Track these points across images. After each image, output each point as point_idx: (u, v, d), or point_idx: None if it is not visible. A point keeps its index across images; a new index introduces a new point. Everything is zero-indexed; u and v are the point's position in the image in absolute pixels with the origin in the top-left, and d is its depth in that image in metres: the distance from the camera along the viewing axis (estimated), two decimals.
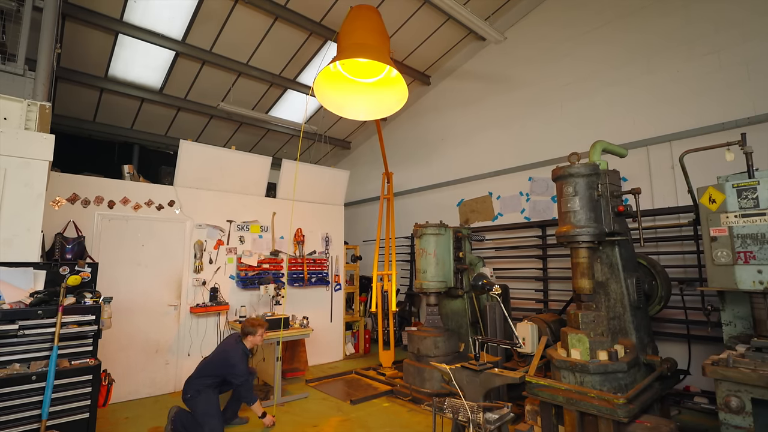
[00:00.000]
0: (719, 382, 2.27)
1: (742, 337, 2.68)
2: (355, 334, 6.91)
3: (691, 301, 3.88)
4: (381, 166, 6.85)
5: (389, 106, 4.58)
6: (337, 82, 4.55)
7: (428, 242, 4.85)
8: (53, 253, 4.01)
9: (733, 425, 2.20)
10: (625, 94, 4.86)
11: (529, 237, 5.64)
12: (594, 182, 3.08)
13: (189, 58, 5.97)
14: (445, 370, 2.55)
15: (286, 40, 6.06)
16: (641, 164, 4.61)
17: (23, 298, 2.83)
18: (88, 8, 4.92)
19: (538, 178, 5.67)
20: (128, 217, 4.66)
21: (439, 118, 7.40)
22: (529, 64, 5.98)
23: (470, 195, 6.62)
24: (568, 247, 3.16)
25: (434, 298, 4.82)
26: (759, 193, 2.62)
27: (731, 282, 2.67)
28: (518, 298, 5.56)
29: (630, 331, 3.09)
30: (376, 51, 4.12)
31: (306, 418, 4.02)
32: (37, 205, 3.15)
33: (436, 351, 4.50)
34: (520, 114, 6.04)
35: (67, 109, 6.49)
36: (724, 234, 2.74)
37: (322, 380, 5.28)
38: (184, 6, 5.16)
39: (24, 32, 3.58)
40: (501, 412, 2.36)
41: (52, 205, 4.21)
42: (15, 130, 3.20)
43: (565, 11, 5.61)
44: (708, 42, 4.25)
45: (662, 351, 3.89)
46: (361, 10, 4.48)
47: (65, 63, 5.61)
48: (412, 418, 3.98)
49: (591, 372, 2.68)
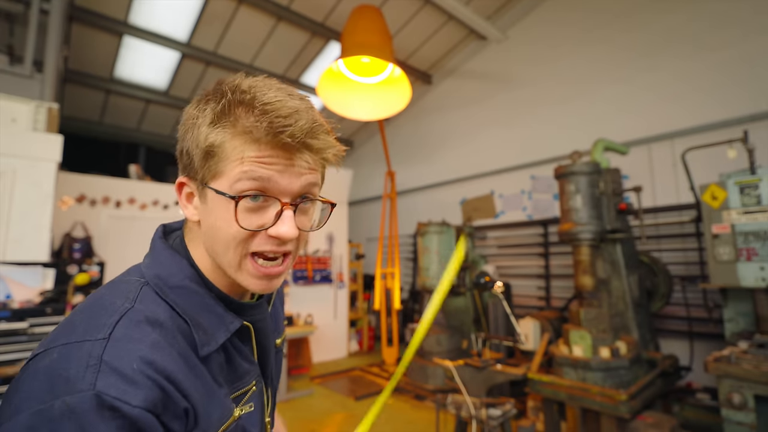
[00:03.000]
0: (722, 378, 2.28)
1: (745, 333, 2.69)
2: (358, 332, 6.95)
3: (692, 298, 3.89)
4: (384, 165, 6.88)
5: (393, 105, 4.61)
6: (341, 82, 4.59)
7: (431, 240, 4.88)
8: (62, 253, 4.07)
9: (735, 421, 2.21)
10: (627, 91, 4.86)
11: (531, 235, 5.65)
12: (596, 180, 3.09)
13: (194, 60, 6.02)
14: (448, 366, 2.57)
15: (290, 41, 6.10)
16: (643, 162, 4.61)
17: (33, 296, 2.89)
18: (93, 10, 4.97)
19: (539, 177, 5.67)
20: (135, 216, 4.71)
21: (441, 118, 7.41)
22: (531, 63, 5.98)
23: (472, 193, 6.63)
24: (570, 245, 3.17)
25: None
26: (761, 190, 2.63)
27: (734, 279, 2.68)
28: (520, 296, 5.58)
29: (632, 327, 3.10)
30: (379, 50, 4.15)
31: (311, 414, 4.07)
32: (46, 205, 3.20)
33: (439, 348, 4.53)
34: (521, 112, 6.05)
35: (75, 110, 6.56)
36: (726, 231, 2.75)
37: (327, 377, 5.33)
38: (189, 7, 5.20)
39: (31, 35, 3.63)
40: (504, 408, 2.38)
41: (60, 205, 4.27)
42: (24, 131, 3.26)
43: (566, 10, 5.61)
44: (710, 39, 4.24)
45: (664, 348, 3.90)
46: (364, 11, 4.50)
47: (72, 65, 5.67)
48: (416, 415, 4.01)
49: (593, 368, 2.70)
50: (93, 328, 0.47)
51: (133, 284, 0.55)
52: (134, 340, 0.47)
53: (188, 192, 0.59)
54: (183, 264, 0.58)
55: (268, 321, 0.69)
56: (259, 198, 0.53)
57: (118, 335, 0.47)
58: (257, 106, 0.51)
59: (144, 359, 0.45)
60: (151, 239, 0.62)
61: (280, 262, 0.57)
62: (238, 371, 0.61)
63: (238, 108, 0.52)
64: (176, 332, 0.52)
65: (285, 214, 0.54)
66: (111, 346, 0.45)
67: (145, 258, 0.61)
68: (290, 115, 0.52)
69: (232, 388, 0.59)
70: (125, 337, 0.47)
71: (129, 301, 0.51)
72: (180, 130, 0.58)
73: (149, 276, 0.56)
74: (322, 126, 0.56)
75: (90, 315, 0.50)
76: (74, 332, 0.47)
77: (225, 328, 0.57)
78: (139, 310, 0.50)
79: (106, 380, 0.43)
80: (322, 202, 0.61)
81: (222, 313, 0.57)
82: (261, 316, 0.66)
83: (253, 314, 0.64)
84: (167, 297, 0.54)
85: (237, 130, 0.52)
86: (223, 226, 0.54)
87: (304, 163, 0.55)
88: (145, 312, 0.50)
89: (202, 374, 0.53)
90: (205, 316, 0.56)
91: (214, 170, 0.54)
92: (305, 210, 0.59)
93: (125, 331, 0.47)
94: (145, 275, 0.56)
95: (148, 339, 0.48)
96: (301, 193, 0.56)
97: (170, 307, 0.54)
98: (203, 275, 0.59)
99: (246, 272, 0.56)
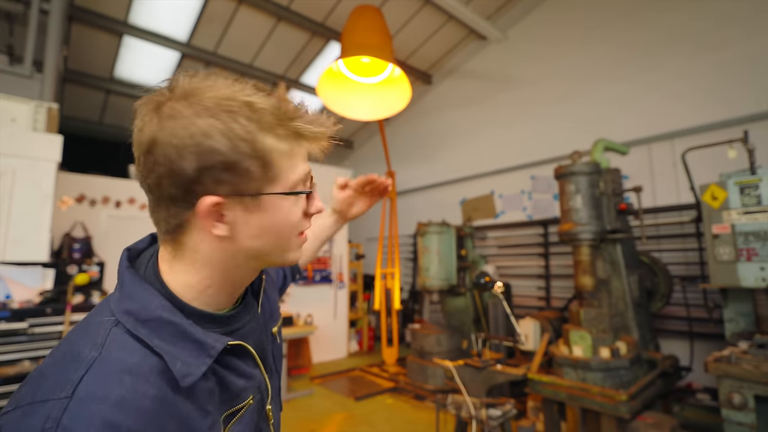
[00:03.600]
0: (722, 378, 2.28)
1: (745, 334, 2.69)
2: (358, 332, 6.95)
3: (693, 299, 3.89)
4: (384, 165, 6.88)
5: (393, 105, 4.61)
6: (341, 82, 4.59)
7: (431, 241, 4.88)
8: (61, 253, 4.07)
9: (735, 422, 2.21)
10: (627, 91, 4.86)
11: (531, 235, 5.65)
12: (596, 180, 3.09)
13: (194, 60, 6.01)
14: (448, 367, 2.57)
15: (290, 41, 6.10)
16: (643, 162, 4.61)
17: (32, 296, 2.89)
18: (93, 10, 4.97)
19: (539, 177, 5.67)
20: (135, 216, 4.71)
21: (441, 117, 7.41)
22: (531, 63, 5.98)
23: (472, 193, 6.63)
24: (570, 245, 3.17)
25: (437, 295, 4.85)
26: (761, 190, 2.63)
27: (734, 279, 2.68)
28: (520, 296, 5.58)
29: (632, 328, 3.10)
30: (379, 50, 4.15)
31: (311, 414, 4.06)
32: (46, 205, 3.20)
33: (439, 348, 4.52)
34: (521, 112, 6.05)
35: (75, 110, 6.56)
36: (726, 231, 2.75)
37: (327, 377, 5.32)
38: (189, 7, 5.20)
39: (31, 35, 3.63)
40: (504, 408, 2.38)
41: (59, 205, 4.27)
42: (23, 131, 3.26)
43: (567, 9, 5.61)
44: (712, 38, 4.23)
45: (664, 348, 3.90)
46: (364, 11, 4.50)
47: (72, 65, 5.67)
48: (416, 415, 4.01)
49: (593, 369, 2.70)
50: (57, 385, 0.46)
51: (102, 326, 0.52)
52: (97, 399, 0.45)
53: (218, 212, 0.54)
54: (154, 294, 0.55)
55: (258, 318, 0.69)
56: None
57: (81, 394, 0.45)
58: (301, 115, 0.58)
59: (105, 423, 0.43)
60: (117, 269, 0.59)
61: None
62: (233, 390, 0.59)
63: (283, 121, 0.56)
64: (149, 374, 0.49)
65: (315, 194, 0.64)
66: (72, 407, 0.44)
67: (114, 291, 0.58)
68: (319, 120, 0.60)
69: (226, 407, 0.58)
70: (88, 397, 0.45)
71: (96, 348, 0.49)
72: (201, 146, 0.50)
73: (119, 313, 0.53)
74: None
75: (58, 368, 0.48)
76: (40, 388, 0.46)
77: (206, 354, 0.53)
78: (107, 358, 0.48)
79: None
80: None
81: (201, 339, 0.54)
82: (250, 316, 0.66)
83: (242, 319, 0.64)
84: (139, 333, 0.51)
85: (279, 136, 0.56)
86: (284, 222, 0.59)
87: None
88: (112, 360, 0.48)
89: (179, 413, 0.50)
90: (182, 346, 0.52)
91: (272, 175, 0.56)
92: None
93: (89, 388, 0.45)
94: (114, 312, 0.53)
95: (113, 396, 0.45)
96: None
97: (142, 344, 0.51)
98: (179, 300, 0.57)
99: (296, 248, 0.63)
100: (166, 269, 0.58)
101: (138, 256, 0.63)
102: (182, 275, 0.58)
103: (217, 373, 0.57)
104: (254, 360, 0.64)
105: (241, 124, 0.52)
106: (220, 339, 0.56)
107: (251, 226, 0.57)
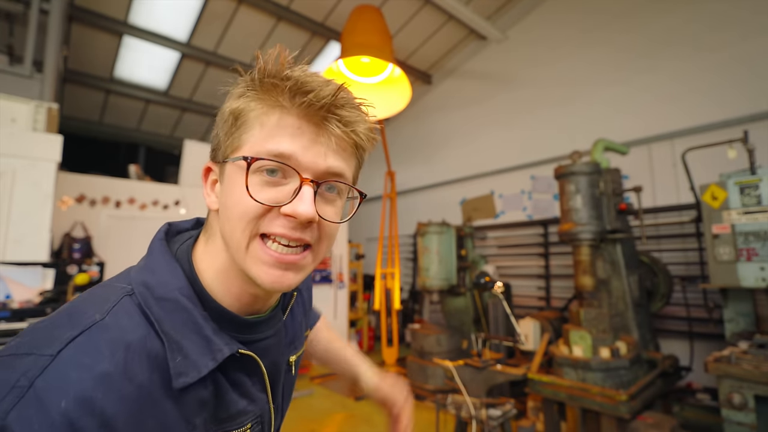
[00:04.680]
0: (722, 378, 2.28)
1: (745, 334, 2.69)
2: (358, 332, 6.95)
3: (693, 299, 3.89)
4: (384, 166, 6.88)
5: (393, 105, 4.61)
6: (341, 82, 4.59)
7: (431, 241, 4.88)
8: (61, 253, 4.06)
9: (735, 422, 2.21)
10: (627, 92, 4.86)
11: (531, 235, 5.65)
12: (596, 180, 3.09)
13: (194, 60, 6.01)
14: (448, 367, 2.57)
15: (290, 41, 6.09)
16: (643, 162, 4.61)
17: (32, 296, 2.88)
18: (93, 10, 4.97)
19: (539, 177, 5.67)
20: (135, 217, 4.71)
21: (441, 118, 7.41)
22: (531, 63, 5.98)
23: (472, 193, 6.63)
24: (570, 245, 3.17)
25: (437, 295, 4.85)
26: (761, 190, 2.63)
27: (734, 279, 2.68)
28: (520, 296, 5.58)
29: (632, 328, 3.10)
30: (379, 49, 4.15)
31: (311, 414, 4.06)
32: (46, 205, 3.20)
33: (439, 348, 4.52)
34: (521, 112, 6.05)
35: (75, 110, 6.56)
36: (726, 231, 2.75)
37: (327, 377, 5.32)
38: (189, 7, 5.20)
39: (31, 35, 3.63)
40: (504, 408, 2.38)
41: (59, 205, 4.27)
42: (23, 131, 3.26)
43: (566, 10, 5.61)
44: (709, 40, 4.24)
45: (664, 348, 3.90)
46: (364, 11, 4.51)
47: (72, 65, 5.67)
48: (416, 415, 3.99)
49: (593, 369, 2.70)
50: (46, 340, 0.41)
51: (114, 292, 0.48)
52: (81, 366, 0.40)
53: (213, 179, 0.54)
54: (177, 272, 0.50)
55: (281, 337, 0.59)
56: (277, 173, 0.48)
57: (66, 356, 0.40)
58: (285, 76, 0.48)
59: (79, 398, 0.38)
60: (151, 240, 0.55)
61: (299, 251, 0.49)
62: (230, 410, 0.50)
63: (264, 78, 0.49)
64: (145, 358, 0.43)
65: (304, 190, 0.47)
66: (52, 368, 0.39)
67: (140, 260, 0.53)
68: (317, 82, 0.49)
69: (216, 427, 0.50)
70: (72, 362, 0.40)
71: (101, 313, 0.44)
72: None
73: (136, 283, 0.49)
74: (353, 100, 0.52)
75: (55, 322, 0.44)
76: (29, 339, 0.42)
77: (211, 356, 0.47)
78: (107, 325, 0.43)
79: (21, 412, 0.37)
80: (356, 191, 0.55)
81: (210, 336, 0.47)
82: (273, 331, 0.57)
83: (263, 331, 0.55)
84: (150, 310, 0.46)
85: (259, 95, 0.49)
86: (234, 203, 0.48)
87: (333, 138, 0.49)
88: (112, 329, 0.43)
89: (161, 416, 0.43)
90: (190, 338, 0.46)
91: (236, 143, 0.49)
92: (331, 199, 0.52)
93: (76, 352, 0.41)
94: (132, 282, 0.49)
95: (98, 368, 0.40)
96: (327, 176, 0.49)
97: (149, 323, 0.46)
98: (203, 288, 0.51)
99: (254, 258, 0.48)
100: (200, 250, 0.54)
101: (177, 235, 0.58)
102: (209, 257, 0.53)
103: (217, 382, 0.49)
104: (263, 382, 0.56)
105: (238, 83, 0.52)
106: (231, 344, 0.49)
107: (222, 202, 0.51)
